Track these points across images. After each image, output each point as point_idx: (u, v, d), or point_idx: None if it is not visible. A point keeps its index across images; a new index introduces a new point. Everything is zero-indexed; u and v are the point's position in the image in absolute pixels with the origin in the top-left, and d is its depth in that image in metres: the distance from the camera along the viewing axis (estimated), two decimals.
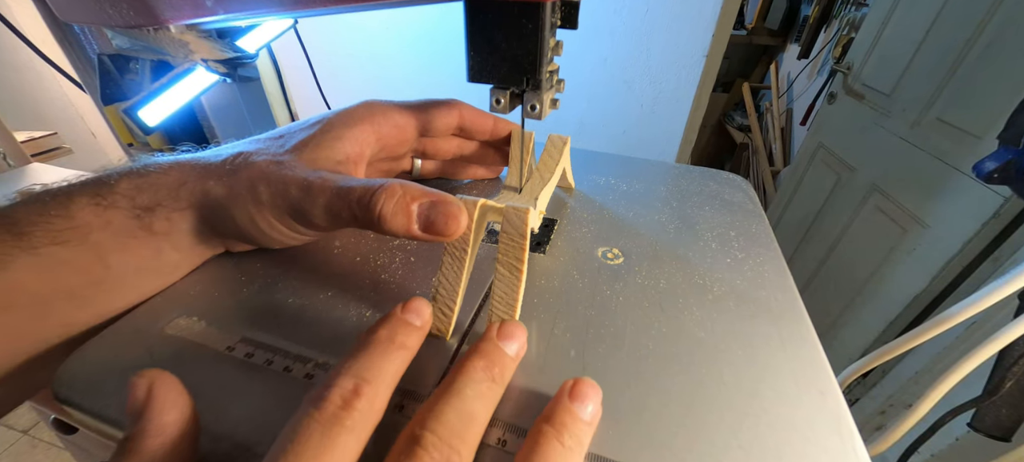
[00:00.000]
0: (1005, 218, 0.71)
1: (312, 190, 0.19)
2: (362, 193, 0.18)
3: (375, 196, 0.18)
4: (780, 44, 2.09)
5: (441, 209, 0.18)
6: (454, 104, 0.27)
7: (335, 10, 0.22)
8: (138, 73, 0.45)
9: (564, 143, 0.29)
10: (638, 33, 0.83)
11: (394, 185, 0.18)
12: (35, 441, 1.04)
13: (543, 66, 0.19)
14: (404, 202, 0.18)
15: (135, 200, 0.19)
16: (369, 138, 0.23)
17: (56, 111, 1.30)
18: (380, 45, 1.01)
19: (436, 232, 0.18)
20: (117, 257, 0.19)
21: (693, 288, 0.24)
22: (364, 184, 0.19)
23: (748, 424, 0.17)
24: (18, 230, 0.17)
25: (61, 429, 0.32)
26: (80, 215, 0.18)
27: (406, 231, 0.18)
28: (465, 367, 0.15)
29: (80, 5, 0.29)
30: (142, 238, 0.19)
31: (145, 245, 0.19)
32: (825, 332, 1.08)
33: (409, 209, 0.18)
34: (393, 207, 0.18)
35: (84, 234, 0.18)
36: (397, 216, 0.18)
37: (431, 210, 0.18)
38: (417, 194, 0.18)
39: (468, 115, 0.27)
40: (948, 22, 0.86)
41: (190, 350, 0.19)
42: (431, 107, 0.26)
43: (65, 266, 0.18)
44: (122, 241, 0.19)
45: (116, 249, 0.19)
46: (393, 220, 0.18)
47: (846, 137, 1.14)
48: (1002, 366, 0.37)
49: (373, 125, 0.23)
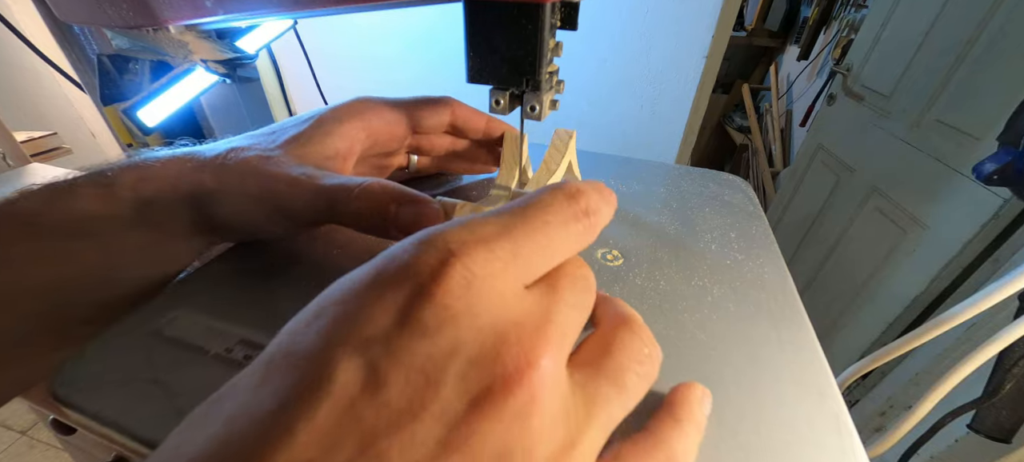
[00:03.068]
0: (1005, 219, 0.71)
1: (295, 186, 0.19)
2: (340, 191, 0.18)
3: (352, 195, 0.18)
4: (780, 45, 2.09)
5: (417, 211, 0.18)
6: (447, 101, 0.27)
7: (335, 11, 0.22)
8: (137, 73, 0.45)
9: (570, 137, 0.28)
10: (638, 34, 0.83)
11: (373, 185, 0.18)
12: (33, 442, 1.04)
13: (543, 67, 0.19)
14: (382, 203, 0.18)
15: (137, 192, 0.19)
16: (359, 134, 0.23)
17: (56, 111, 1.30)
18: (380, 46, 1.01)
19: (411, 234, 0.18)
20: (120, 247, 0.19)
21: (693, 289, 0.24)
22: (343, 183, 0.19)
23: (747, 425, 0.17)
24: (24, 221, 0.18)
25: (60, 430, 0.32)
26: (84, 207, 0.18)
27: (383, 233, 0.18)
28: None
29: (80, 5, 0.29)
30: (144, 229, 0.20)
31: (147, 235, 0.20)
32: (825, 333, 1.08)
33: (386, 210, 0.18)
34: (370, 207, 0.18)
35: (88, 225, 0.18)
36: (374, 217, 0.18)
37: (407, 211, 0.18)
38: (396, 195, 0.18)
39: (461, 113, 0.27)
40: (947, 23, 0.86)
41: (188, 352, 0.19)
42: (423, 104, 0.26)
43: (70, 256, 0.18)
44: (125, 232, 0.19)
45: (119, 239, 0.19)
46: (370, 220, 0.18)
47: (846, 138, 1.14)
48: (1002, 368, 0.37)
49: (363, 121, 0.23)
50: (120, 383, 0.18)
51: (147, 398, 0.17)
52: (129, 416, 0.17)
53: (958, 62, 0.82)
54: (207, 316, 0.21)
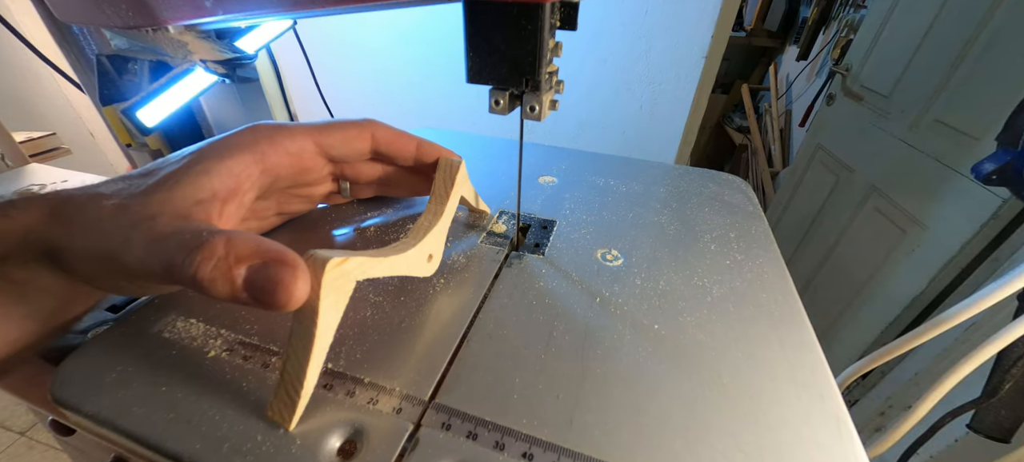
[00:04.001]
0: (1004, 219, 0.71)
1: (131, 245, 0.16)
2: (178, 250, 0.15)
3: (190, 257, 0.15)
4: (779, 45, 2.09)
5: (270, 275, 0.15)
6: (365, 125, 0.24)
7: (335, 11, 0.22)
8: (137, 74, 0.44)
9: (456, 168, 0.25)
10: (637, 34, 0.83)
11: (216, 242, 0.15)
12: (32, 443, 1.04)
13: (542, 67, 0.19)
14: (225, 266, 0.15)
15: None
16: (249, 170, 0.20)
17: (55, 111, 1.30)
18: (379, 46, 1.01)
19: (265, 303, 0.15)
20: None
21: (692, 289, 0.24)
22: (183, 239, 0.16)
23: (747, 425, 0.17)
24: None
25: (58, 431, 0.32)
26: None
27: (231, 299, 0.15)
28: None
29: (79, 6, 0.29)
30: (4, 287, 0.17)
31: (9, 293, 0.18)
32: (824, 333, 1.08)
33: (231, 275, 0.15)
34: (211, 271, 0.15)
35: None
36: (216, 282, 0.15)
37: (258, 275, 0.15)
38: (245, 254, 0.15)
39: (383, 137, 0.24)
40: (946, 24, 0.86)
41: (186, 353, 0.19)
42: (334, 129, 0.23)
43: None
44: None
45: None
46: (212, 286, 0.15)
47: (845, 138, 1.14)
48: (1001, 368, 0.37)
49: (255, 155, 0.20)
50: (119, 384, 0.18)
51: (146, 399, 0.17)
52: (128, 416, 0.17)
53: (957, 62, 0.82)
54: (204, 317, 0.21)
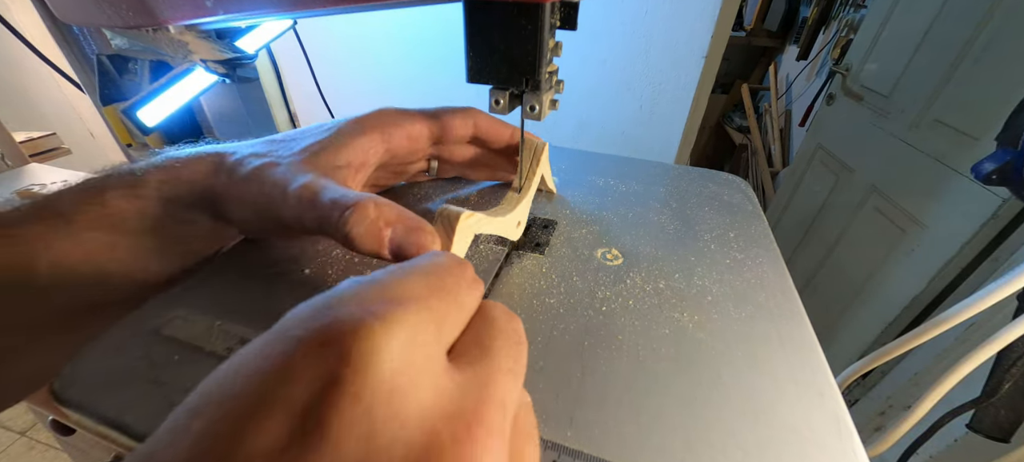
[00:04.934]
0: (1003, 219, 0.71)
1: (288, 198, 0.19)
2: (333, 208, 0.18)
3: (345, 214, 0.17)
4: (779, 45, 2.09)
5: (412, 240, 0.17)
6: (470, 113, 0.27)
7: (335, 10, 0.22)
8: (137, 73, 0.45)
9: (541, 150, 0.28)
10: (637, 34, 0.83)
11: (367, 204, 0.17)
12: (32, 443, 1.04)
13: (542, 67, 0.19)
14: (376, 226, 0.17)
15: (161, 191, 0.21)
16: (377, 147, 0.23)
17: (55, 111, 1.30)
18: (379, 45, 1.01)
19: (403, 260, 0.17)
20: (146, 241, 0.21)
21: (692, 289, 0.24)
22: (336, 198, 0.18)
23: (747, 425, 0.17)
24: (58, 210, 0.19)
25: (59, 430, 0.32)
26: (114, 204, 0.20)
27: (376, 254, 0.17)
28: None
29: (79, 6, 0.29)
30: (169, 226, 0.21)
31: (171, 232, 0.21)
32: (824, 333, 1.08)
33: (380, 235, 0.17)
34: (364, 229, 0.17)
35: (118, 221, 0.20)
36: (366, 238, 0.17)
37: (403, 238, 0.17)
38: (391, 218, 0.17)
39: (484, 124, 0.27)
40: (946, 24, 0.86)
41: (187, 352, 0.19)
42: (446, 115, 0.26)
43: (101, 248, 0.20)
44: (150, 227, 0.21)
45: (146, 234, 0.21)
46: (362, 241, 0.17)
47: (845, 138, 1.14)
48: (1001, 367, 0.37)
49: (383, 134, 0.24)
50: (119, 383, 0.18)
51: (146, 398, 0.17)
52: (128, 416, 0.17)
53: (957, 62, 0.82)
54: (206, 316, 0.21)
